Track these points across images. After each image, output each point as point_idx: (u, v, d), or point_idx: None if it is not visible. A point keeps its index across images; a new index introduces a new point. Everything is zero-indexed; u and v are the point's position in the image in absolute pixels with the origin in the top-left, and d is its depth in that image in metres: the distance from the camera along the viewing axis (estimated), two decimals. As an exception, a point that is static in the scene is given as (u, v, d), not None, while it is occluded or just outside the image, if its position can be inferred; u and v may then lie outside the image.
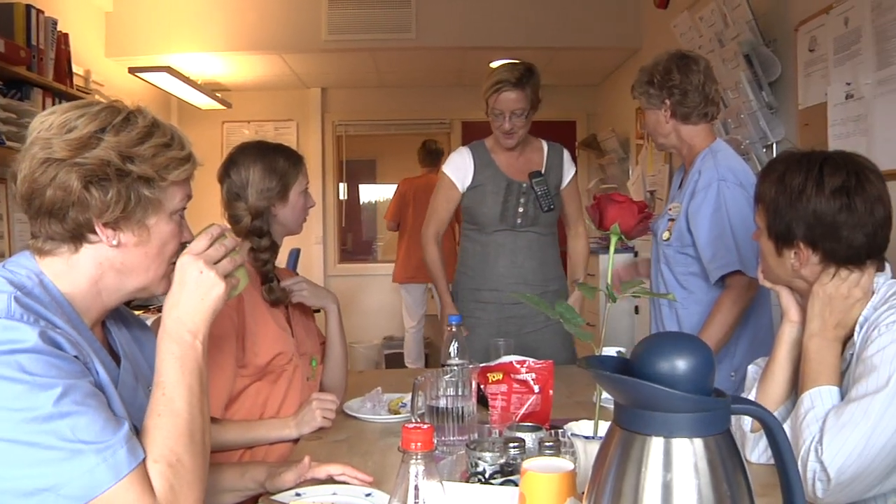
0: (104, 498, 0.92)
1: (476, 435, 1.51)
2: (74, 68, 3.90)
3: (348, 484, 1.34)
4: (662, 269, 2.17)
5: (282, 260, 1.99)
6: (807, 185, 1.31)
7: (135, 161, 1.06)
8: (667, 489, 0.71)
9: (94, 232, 1.06)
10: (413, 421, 1.58)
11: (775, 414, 1.25)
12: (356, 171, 6.73)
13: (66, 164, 1.03)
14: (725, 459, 0.73)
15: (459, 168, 2.63)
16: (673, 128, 2.15)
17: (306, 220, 1.94)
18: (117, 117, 1.07)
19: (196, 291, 1.09)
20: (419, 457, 0.88)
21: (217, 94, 5.50)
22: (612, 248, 1.27)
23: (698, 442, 0.72)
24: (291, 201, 1.85)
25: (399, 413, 1.87)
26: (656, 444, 0.73)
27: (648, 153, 4.77)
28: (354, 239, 6.80)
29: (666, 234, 2.14)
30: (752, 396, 1.45)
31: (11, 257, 1.10)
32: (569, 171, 2.71)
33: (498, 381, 1.64)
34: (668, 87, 2.11)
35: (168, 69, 4.56)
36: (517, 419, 1.60)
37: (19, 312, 0.96)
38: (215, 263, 1.12)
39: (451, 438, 1.51)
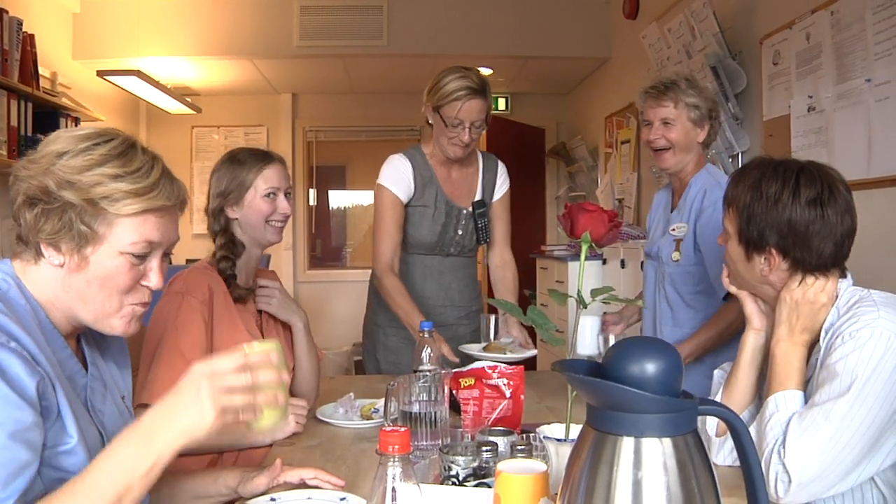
0: None
1: (449, 439, 1.53)
2: (41, 70, 3.85)
3: (322, 488, 1.34)
4: (668, 290, 2.15)
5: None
6: (783, 193, 1.33)
7: (72, 188, 1.03)
8: (637, 487, 0.74)
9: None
10: (387, 425, 1.59)
11: (740, 417, 1.28)
12: (326, 176, 6.72)
13: (22, 177, 1.06)
14: (693, 458, 0.76)
15: (400, 180, 2.38)
16: (697, 150, 2.12)
17: (273, 225, 1.86)
18: (97, 140, 1.08)
19: (179, 407, 0.96)
20: (396, 459, 0.89)
21: (187, 99, 5.46)
22: (583, 256, 1.32)
23: (667, 441, 0.75)
24: (247, 203, 1.82)
25: (371, 418, 1.87)
26: (627, 443, 0.75)
27: (617, 162, 4.84)
28: (324, 245, 6.77)
29: (676, 255, 2.11)
30: (717, 400, 1.49)
31: None
32: (501, 187, 2.51)
33: (470, 387, 1.65)
34: (716, 117, 2.11)
35: (137, 73, 4.51)
36: (489, 423, 1.62)
37: None
38: (228, 393, 0.96)
39: (425, 443, 1.52)
